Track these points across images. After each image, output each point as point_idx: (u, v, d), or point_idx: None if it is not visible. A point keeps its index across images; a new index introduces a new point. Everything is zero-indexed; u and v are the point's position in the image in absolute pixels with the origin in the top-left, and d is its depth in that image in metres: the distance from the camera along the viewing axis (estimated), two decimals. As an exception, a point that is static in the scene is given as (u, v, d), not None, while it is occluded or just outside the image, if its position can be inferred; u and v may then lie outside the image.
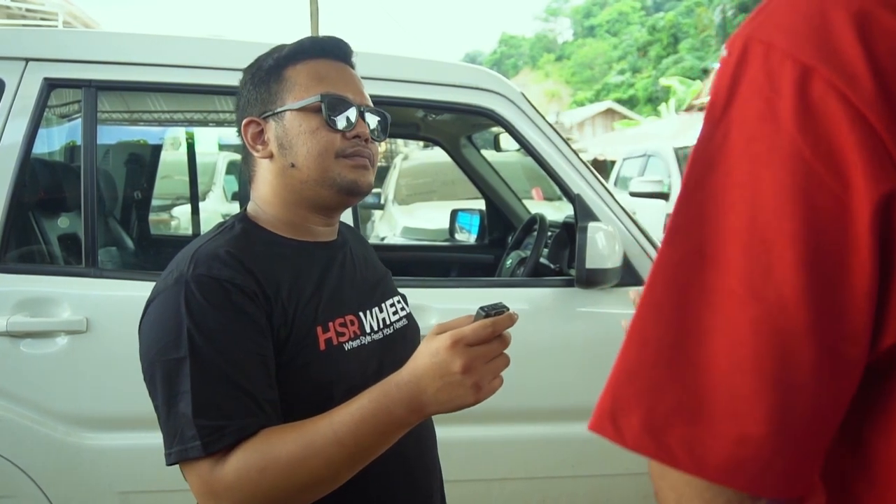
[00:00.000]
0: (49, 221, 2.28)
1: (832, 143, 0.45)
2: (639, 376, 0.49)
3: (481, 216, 3.42)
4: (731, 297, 0.47)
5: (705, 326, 0.47)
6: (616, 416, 0.49)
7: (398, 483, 1.08)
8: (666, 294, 0.49)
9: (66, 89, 2.08)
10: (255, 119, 1.10)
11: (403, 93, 2.13)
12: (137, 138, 3.47)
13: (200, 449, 0.88)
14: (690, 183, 0.50)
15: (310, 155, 1.06)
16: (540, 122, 2.22)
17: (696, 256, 0.48)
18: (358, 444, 0.89)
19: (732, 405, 0.46)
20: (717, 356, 0.46)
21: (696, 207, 0.49)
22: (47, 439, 1.86)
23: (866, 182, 0.44)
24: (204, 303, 0.93)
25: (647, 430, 0.48)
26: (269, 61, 1.11)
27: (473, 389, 0.87)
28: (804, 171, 0.45)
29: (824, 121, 0.45)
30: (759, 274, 0.46)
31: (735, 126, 0.49)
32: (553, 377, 2.13)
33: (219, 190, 7.26)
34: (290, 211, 1.10)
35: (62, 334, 1.87)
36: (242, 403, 0.91)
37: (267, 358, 0.96)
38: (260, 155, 1.10)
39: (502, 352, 0.90)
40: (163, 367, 0.92)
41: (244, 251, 1.01)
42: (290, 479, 0.88)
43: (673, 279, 0.49)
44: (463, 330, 0.88)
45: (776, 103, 0.47)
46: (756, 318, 0.46)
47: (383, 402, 0.89)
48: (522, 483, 2.17)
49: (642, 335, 0.49)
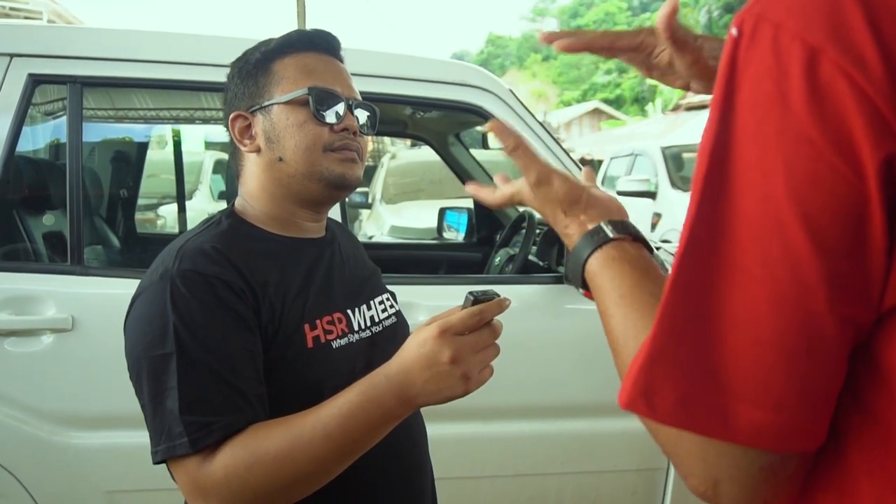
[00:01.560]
0: (34, 219, 2.26)
1: (840, 126, 0.45)
2: (672, 351, 0.51)
3: (469, 214, 3.42)
4: (751, 279, 0.48)
5: (729, 307, 0.49)
6: (649, 392, 0.51)
7: (391, 479, 1.08)
8: (691, 275, 0.51)
9: (50, 85, 2.06)
10: (242, 113, 1.09)
11: (391, 89, 2.13)
12: (123, 136, 3.45)
13: (188, 446, 0.87)
14: (705, 171, 0.51)
15: (297, 148, 1.05)
16: (528, 118, 2.22)
17: (716, 239, 0.50)
18: (346, 437, 0.88)
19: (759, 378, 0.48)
20: (742, 334, 0.48)
21: (713, 190, 0.50)
22: (33, 439, 1.84)
23: (873, 156, 0.45)
24: (190, 298, 0.92)
25: (682, 404, 0.50)
26: (256, 55, 1.10)
27: (462, 380, 0.86)
28: (813, 155, 0.46)
29: (832, 103, 0.46)
30: (775, 255, 0.47)
31: (744, 110, 0.49)
32: (541, 374, 2.13)
33: (205, 189, 7.23)
34: (277, 206, 1.09)
35: (47, 332, 1.85)
36: (230, 399, 0.90)
37: (255, 353, 0.95)
38: (247, 149, 1.09)
39: (493, 342, 0.89)
40: (149, 364, 0.91)
41: (231, 247, 1.00)
42: (278, 474, 0.87)
43: (698, 260, 0.51)
44: (450, 319, 0.87)
45: (785, 85, 0.47)
46: (775, 296, 0.47)
47: (371, 395, 0.88)
48: (511, 480, 2.18)
49: (671, 314, 0.51)
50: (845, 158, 0.46)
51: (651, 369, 0.51)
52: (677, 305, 0.51)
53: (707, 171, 0.51)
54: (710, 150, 0.51)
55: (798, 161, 0.46)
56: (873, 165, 0.45)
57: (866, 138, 0.45)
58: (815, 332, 0.48)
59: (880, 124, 0.45)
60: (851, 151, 0.45)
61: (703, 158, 0.52)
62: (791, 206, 0.47)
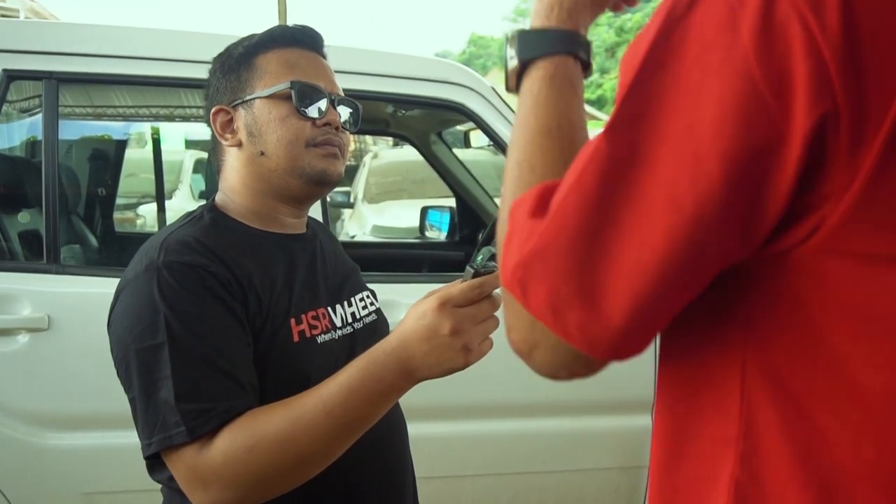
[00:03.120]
0: (9, 217, 2.23)
1: (783, 70, 0.45)
2: (553, 256, 0.52)
3: (451, 213, 3.41)
4: (654, 202, 0.48)
5: (623, 225, 0.49)
6: (525, 284, 0.54)
7: (373, 476, 1.07)
8: (594, 185, 0.50)
9: (26, 81, 2.03)
10: (224, 107, 1.08)
11: (373, 86, 2.11)
12: (102, 133, 3.41)
13: (186, 434, 0.85)
14: (637, 79, 0.50)
15: (280, 143, 1.04)
16: (510, 116, 2.22)
17: (629, 153, 0.49)
18: (348, 415, 0.87)
19: (626, 301, 0.50)
20: (626, 255, 0.49)
21: (638, 105, 0.49)
22: (8, 440, 1.82)
23: (807, 109, 0.45)
24: (178, 287, 0.91)
25: (549, 305, 0.52)
26: (238, 49, 1.09)
27: (463, 352, 0.86)
28: (750, 92, 0.46)
29: (781, 45, 0.45)
30: (684, 185, 0.47)
31: (693, 30, 0.48)
32: (523, 372, 2.11)
33: (186, 188, 7.17)
34: (258, 201, 1.08)
35: (23, 332, 1.83)
36: (226, 386, 0.89)
37: (245, 343, 0.94)
38: (229, 143, 1.08)
39: (492, 314, 0.88)
40: (139, 356, 0.90)
41: (214, 241, 0.99)
42: (280, 455, 0.86)
43: (603, 172, 0.50)
44: (450, 291, 0.87)
45: (739, 14, 0.46)
46: (671, 225, 0.48)
47: (371, 370, 0.88)
48: (493, 479, 2.17)
49: (563, 218, 0.52)
50: (780, 104, 0.45)
51: (531, 264, 0.53)
52: (570, 209, 0.51)
53: (635, 80, 0.50)
54: (644, 58, 0.49)
55: (732, 95, 0.46)
56: (806, 123, 0.45)
57: (806, 91, 0.45)
58: (696, 265, 0.49)
59: (823, 79, 0.44)
60: (788, 99, 0.45)
61: (632, 64, 0.50)
62: (714, 141, 0.46)
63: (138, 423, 0.91)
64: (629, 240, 0.49)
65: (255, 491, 0.88)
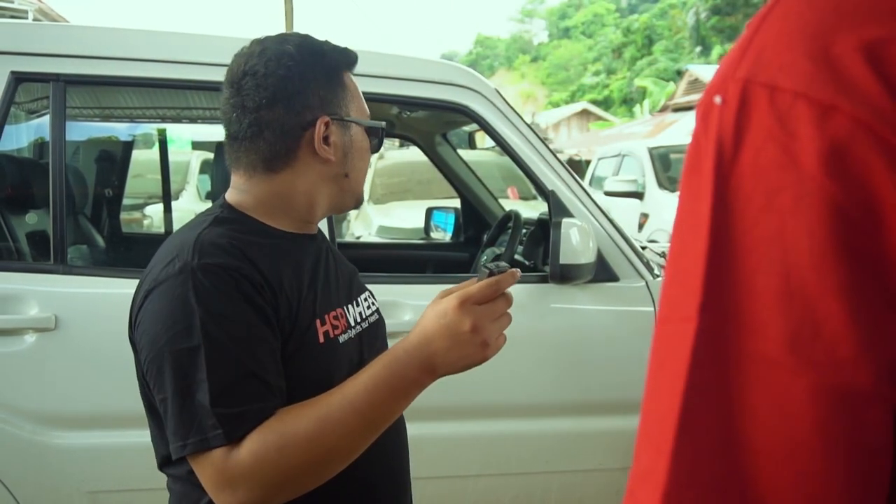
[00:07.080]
0: (16, 218, 2.24)
1: (866, 183, 0.41)
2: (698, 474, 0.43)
3: (456, 214, 3.42)
4: (777, 368, 0.42)
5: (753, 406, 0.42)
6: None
7: (383, 476, 1.09)
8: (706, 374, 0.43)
9: (34, 83, 2.05)
10: (328, 119, 1.05)
11: (378, 88, 2.12)
12: (108, 135, 3.43)
13: (223, 437, 0.87)
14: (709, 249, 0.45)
15: (361, 171, 1.12)
16: (515, 118, 2.23)
17: (728, 327, 0.43)
18: (374, 411, 0.91)
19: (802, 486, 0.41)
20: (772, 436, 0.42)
21: (718, 274, 0.44)
22: (14, 439, 1.83)
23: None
24: (214, 291, 0.92)
25: None
26: (327, 56, 1.07)
27: (482, 347, 0.91)
28: (839, 218, 0.41)
29: (855, 160, 0.41)
30: (806, 336, 0.41)
31: (748, 178, 0.44)
32: (527, 373, 2.13)
33: (192, 189, 7.20)
34: (307, 210, 1.09)
35: (30, 332, 1.84)
36: (258, 388, 0.91)
37: (275, 347, 0.96)
38: (324, 155, 1.05)
39: (507, 310, 0.94)
40: (173, 358, 0.90)
41: (245, 242, 0.99)
42: (309, 454, 0.89)
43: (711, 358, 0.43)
44: (470, 290, 0.91)
45: (794, 148, 0.42)
46: (811, 385, 0.41)
47: (394, 368, 0.91)
48: (496, 479, 2.18)
49: (692, 426, 0.44)
50: (871, 217, 0.41)
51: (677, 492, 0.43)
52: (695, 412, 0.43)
53: (709, 256, 0.44)
54: (708, 232, 0.44)
55: (821, 227, 0.41)
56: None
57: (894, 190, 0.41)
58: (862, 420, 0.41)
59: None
60: (879, 209, 0.41)
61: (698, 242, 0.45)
62: (821, 279, 0.41)
63: (169, 423, 0.91)
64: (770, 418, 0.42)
65: (282, 490, 0.90)
